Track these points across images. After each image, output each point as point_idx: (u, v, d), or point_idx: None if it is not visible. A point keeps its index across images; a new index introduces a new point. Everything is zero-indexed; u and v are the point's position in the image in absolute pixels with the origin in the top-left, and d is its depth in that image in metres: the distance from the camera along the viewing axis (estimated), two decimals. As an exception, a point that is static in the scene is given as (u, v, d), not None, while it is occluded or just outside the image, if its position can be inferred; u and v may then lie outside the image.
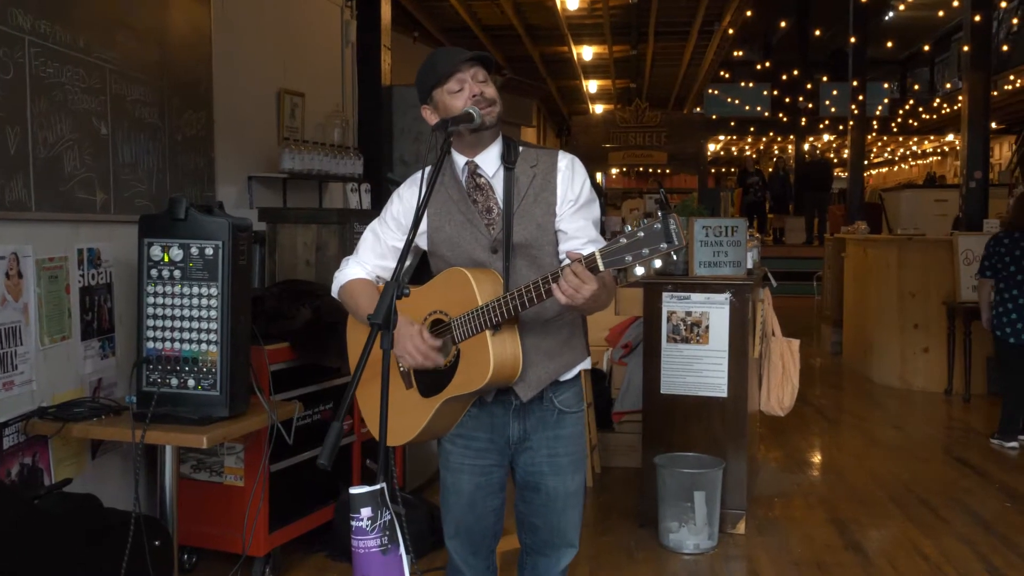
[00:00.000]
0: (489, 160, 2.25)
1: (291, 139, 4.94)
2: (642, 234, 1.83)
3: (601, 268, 1.89)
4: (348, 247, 4.13)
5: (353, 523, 1.77)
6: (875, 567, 3.84)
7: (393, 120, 5.97)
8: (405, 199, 2.31)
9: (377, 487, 1.78)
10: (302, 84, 5.17)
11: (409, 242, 2.00)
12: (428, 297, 2.21)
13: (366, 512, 1.76)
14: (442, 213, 2.25)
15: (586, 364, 2.36)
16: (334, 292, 2.40)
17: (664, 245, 1.81)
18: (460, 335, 2.12)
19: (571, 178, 2.24)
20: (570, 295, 1.91)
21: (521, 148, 2.28)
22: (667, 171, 19.99)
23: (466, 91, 2.18)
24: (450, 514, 2.37)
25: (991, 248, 5.80)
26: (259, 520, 3.41)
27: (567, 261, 1.95)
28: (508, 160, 2.24)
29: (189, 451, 3.43)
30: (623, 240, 1.86)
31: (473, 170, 2.25)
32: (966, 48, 9.31)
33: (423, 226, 2.24)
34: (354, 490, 1.77)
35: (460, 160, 2.27)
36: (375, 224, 2.38)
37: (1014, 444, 5.79)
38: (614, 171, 20.84)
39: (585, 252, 2.06)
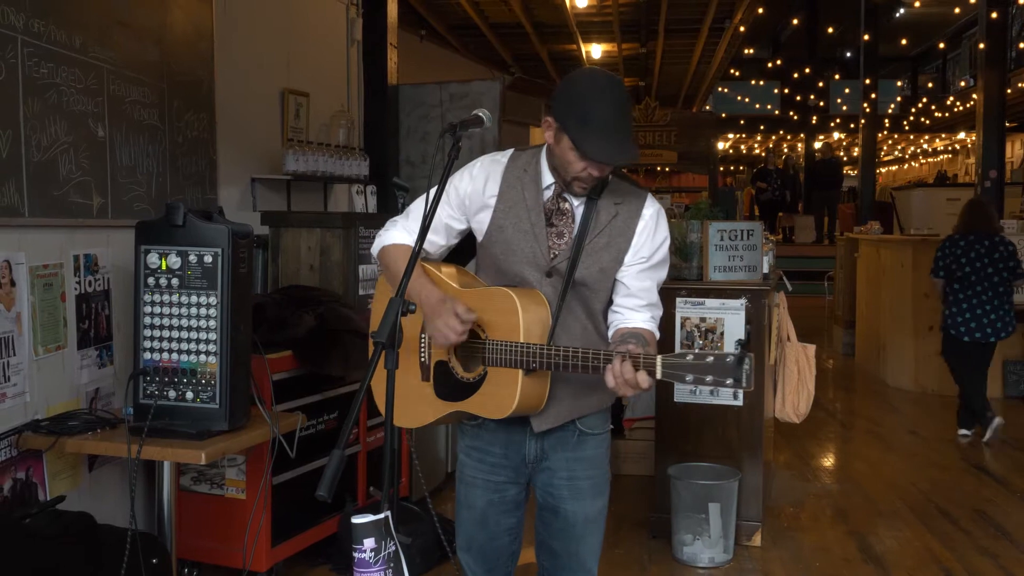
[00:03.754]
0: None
1: (295, 140, 4.83)
2: (711, 360, 1.79)
3: (658, 376, 1.84)
4: (353, 252, 4.02)
5: (356, 555, 1.66)
6: (896, 582, 3.74)
7: (399, 120, 5.86)
8: (476, 180, 2.14)
9: (381, 516, 1.68)
10: (306, 84, 5.06)
11: (416, 253, 1.90)
12: (469, 303, 2.06)
13: (369, 543, 1.66)
14: (510, 214, 2.11)
15: (608, 405, 2.26)
16: (374, 250, 2.25)
17: (730, 381, 1.78)
18: (492, 360, 2.02)
19: (653, 232, 2.13)
20: (621, 388, 1.88)
21: (611, 178, 2.12)
22: (676, 170, 19.87)
23: (586, 164, 1.99)
24: (462, 528, 2.29)
25: (946, 249, 5.96)
26: (261, 534, 3.31)
27: (630, 339, 1.94)
28: (593, 190, 2.10)
29: (188, 464, 3.33)
30: (690, 358, 1.82)
31: (559, 193, 2.12)
32: (982, 46, 9.18)
33: (486, 216, 2.13)
34: (357, 519, 1.66)
35: (547, 177, 2.12)
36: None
37: (966, 432, 6.06)
38: (623, 171, 20.68)
39: (637, 316, 2.11)
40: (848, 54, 20.66)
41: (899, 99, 20.56)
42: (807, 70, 18.45)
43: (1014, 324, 5.82)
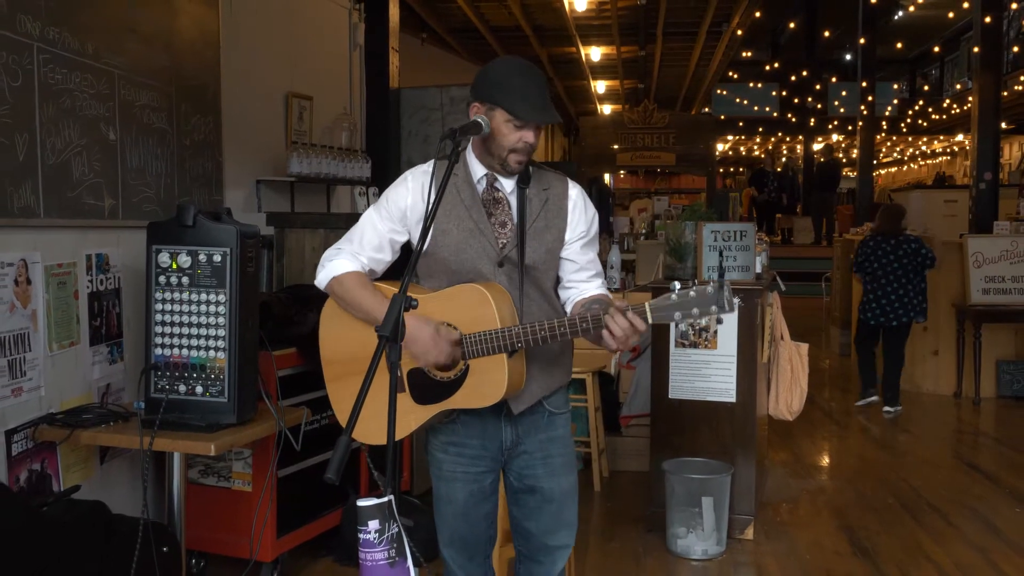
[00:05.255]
0: (507, 177, 2.28)
1: (299, 143, 4.93)
2: (693, 294, 1.94)
3: (649, 321, 1.99)
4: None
5: (360, 535, 1.76)
6: (885, 574, 3.82)
7: (401, 123, 5.96)
8: (412, 192, 2.26)
9: (385, 499, 1.78)
10: (310, 87, 5.16)
11: (418, 253, 2.02)
12: (437, 306, 2.20)
13: (373, 525, 1.76)
14: (451, 217, 2.23)
15: (568, 380, 2.42)
16: (321, 282, 2.32)
17: (714, 308, 1.92)
18: (472, 352, 2.12)
19: (583, 209, 2.32)
20: (621, 340, 2.00)
21: (532, 168, 2.31)
22: (675, 172, 19.96)
23: (521, 134, 2.19)
24: (444, 523, 2.38)
25: (860, 250, 6.87)
26: (267, 525, 3.41)
27: (585, 295, 2.10)
28: (522, 179, 2.27)
29: (196, 456, 3.43)
30: (674, 297, 1.96)
31: (492, 182, 2.27)
32: (976, 49, 9.27)
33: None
34: (361, 502, 1.76)
35: (478, 170, 2.28)
36: (372, 214, 2.32)
37: (870, 400, 7.07)
38: (621, 172, 20.83)
39: (591, 285, 2.30)
40: (847, 56, 20.79)
41: (896, 101, 20.67)
42: (805, 72, 18.56)
43: (920, 311, 6.69)
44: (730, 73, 18.76)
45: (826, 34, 17.06)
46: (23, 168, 2.95)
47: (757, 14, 11.98)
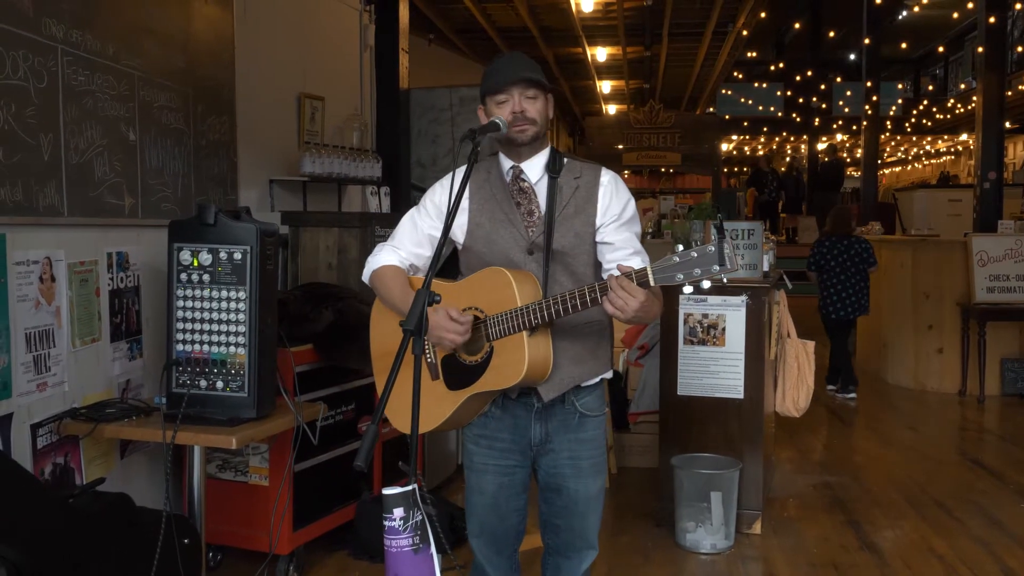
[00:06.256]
0: (534, 167, 2.33)
1: (311, 143, 5.00)
2: (695, 254, 1.91)
3: (652, 283, 1.97)
4: (369, 250, 4.17)
5: (386, 523, 1.82)
6: (890, 568, 3.88)
7: (411, 123, 6.03)
8: (446, 190, 2.35)
9: (409, 488, 1.84)
10: (322, 88, 5.23)
11: (441, 245, 2.08)
12: (463, 293, 2.26)
13: (399, 512, 1.82)
14: (484, 211, 2.31)
15: (608, 374, 2.43)
16: (365, 277, 2.44)
17: (716, 267, 1.89)
18: (495, 333, 2.17)
19: (614, 193, 2.32)
20: (620, 307, 1.98)
21: (566, 160, 2.35)
22: (680, 171, 19.99)
23: (509, 105, 2.25)
24: (474, 514, 2.43)
25: (815, 249, 7.39)
26: (284, 519, 3.47)
27: (616, 272, 2.01)
28: (552, 169, 2.32)
29: (215, 451, 3.49)
30: (675, 259, 1.94)
31: (517, 175, 2.33)
32: (980, 49, 9.31)
33: (464, 219, 2.32)
34: (387, 491, 1.82)
35: (506, 163, 2.35)
36: (413, 212, 2.42)
37: (853, 395, 7.37)
38: (626, 172, 20.85)
39: (630, 263, 2.18)
40: (851, 56, 20.83)
41: (900, 101, 20.69)
42: (809, 72, 18.60)
43: (867, 306, 7.29)
44: (735, 73, 18.80)
45: (831, 34, 17.06)
46: (48, 168, 3.02)
47: (762, 15, 12.02)
